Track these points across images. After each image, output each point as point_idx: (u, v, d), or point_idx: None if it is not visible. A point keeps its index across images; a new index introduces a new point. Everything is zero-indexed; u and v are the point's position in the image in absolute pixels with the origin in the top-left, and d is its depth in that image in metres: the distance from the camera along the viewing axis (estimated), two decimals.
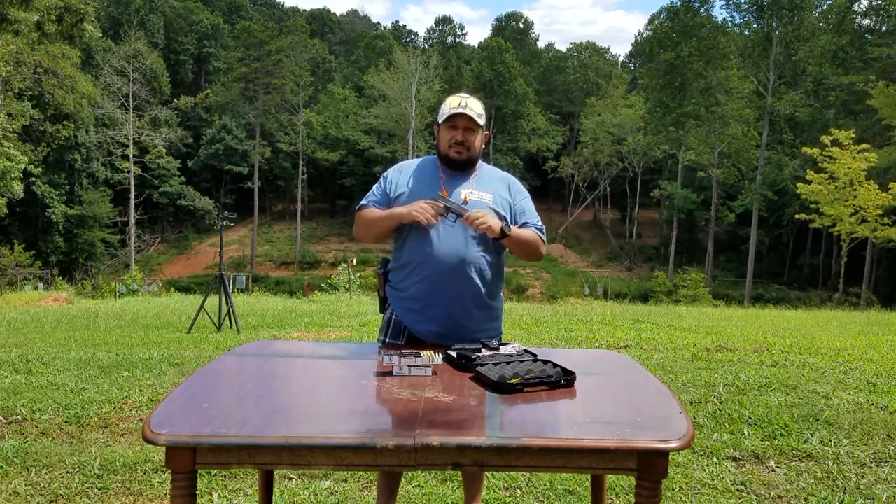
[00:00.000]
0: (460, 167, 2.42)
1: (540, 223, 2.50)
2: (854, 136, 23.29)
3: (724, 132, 34.22)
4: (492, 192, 2.42)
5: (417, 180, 2.43)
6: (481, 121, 2.39)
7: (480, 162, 2.49)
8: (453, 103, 2.38)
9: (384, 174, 2.54)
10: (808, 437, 3.59)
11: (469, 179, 2.43)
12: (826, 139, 23.46)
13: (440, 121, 2.41)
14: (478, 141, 2.42)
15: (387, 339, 2.45)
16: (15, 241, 31.41)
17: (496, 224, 2.27)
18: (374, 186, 2.51)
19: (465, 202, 2.35)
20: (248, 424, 1.52)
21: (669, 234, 41.19)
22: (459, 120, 2.37)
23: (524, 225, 2.44)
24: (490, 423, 1.56)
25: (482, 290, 2.38)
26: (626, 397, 1.86)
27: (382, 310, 2.53)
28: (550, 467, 1.46)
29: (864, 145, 23.05)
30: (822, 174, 23.46)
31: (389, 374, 1.92)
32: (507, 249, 2.45)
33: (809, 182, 23.96)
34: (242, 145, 45.29)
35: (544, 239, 2.49)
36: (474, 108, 2.37)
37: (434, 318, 2.36)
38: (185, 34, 54.63)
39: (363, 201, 2.48)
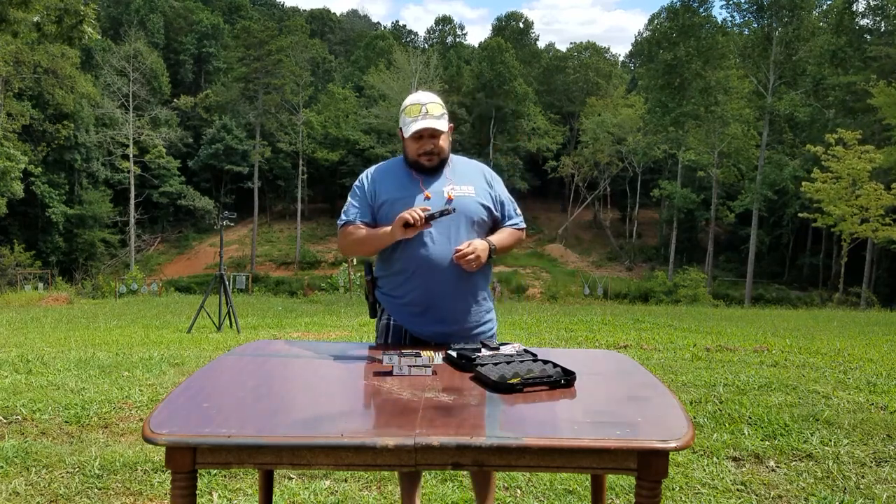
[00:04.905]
0: (433, 171, 2.39)
1: (517, 210, 2.53)
2: (860, 136, 23.26)
3: (723, 132, 34.18)
4: (472, 184, 2.41)
5: (395, 185, 2.39)
6: (444, 125, 2.33)
7: (451, 155, 2.46)
8: (413, 112, 2.32)
9: (357, 185, 2.47)
10: (808, 437, 3.59)
11: (446, 175, 2.40)
12: (831, 138, 23.41)
13: (404, 134, 2.34)
14: (445, 142, 2.39)
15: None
16: (15, 241, 31.42)
17: (484, 254, 2.28)
18: (350, 198, 2.45)
19: (450, 200, 2.33)
20: (248, 424, 1.52)
21: (669, 234, 41.15)
22: (423, 131, 2.32)
23: (503, 221, 2.47)
24: (490, 423, 1.56)
25: (478, 284, 2.41)
26: (626, 397, 1.85)
27: (374, 315, 2.50)
28: (550, 467, 1.46)
29: (868, 147, 23.02)
30: (827, 174, 23.39)
31: (389, 374, 1.92)
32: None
33: (813, 181, 23.90)
34: (242, 145, 45.25)
35: (523, 226, 2.53)
36: (434, 112, 2.31)
37: (437, 319, 2.36)
38: (185, 34, 54.60)
39: (345, 217, 2.41)
